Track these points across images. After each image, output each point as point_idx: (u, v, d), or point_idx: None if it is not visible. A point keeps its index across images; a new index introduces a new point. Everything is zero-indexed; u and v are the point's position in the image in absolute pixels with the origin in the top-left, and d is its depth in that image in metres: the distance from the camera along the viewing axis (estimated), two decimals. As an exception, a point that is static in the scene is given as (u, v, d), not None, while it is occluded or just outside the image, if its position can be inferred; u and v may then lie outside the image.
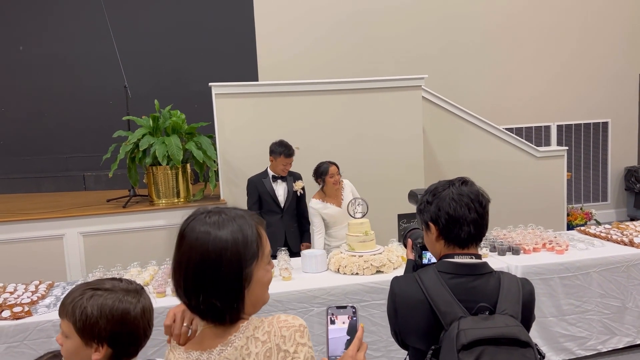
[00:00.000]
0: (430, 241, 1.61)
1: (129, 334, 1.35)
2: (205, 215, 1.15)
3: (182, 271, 1.14)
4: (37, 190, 6.66)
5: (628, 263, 3.47)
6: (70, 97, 6.90)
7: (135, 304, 1.36)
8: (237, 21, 6.95)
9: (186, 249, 1.13)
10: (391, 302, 1.58)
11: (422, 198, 1.61)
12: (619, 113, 7.88)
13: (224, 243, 1.11)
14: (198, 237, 1.12)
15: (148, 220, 4.75)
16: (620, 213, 7.97)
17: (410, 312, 1.51)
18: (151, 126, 4.86)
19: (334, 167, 3.99)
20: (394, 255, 3.38)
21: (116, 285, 1.39)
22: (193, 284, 1.12)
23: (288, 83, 5.05)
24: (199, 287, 1.12)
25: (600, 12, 7.66)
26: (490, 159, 5.78)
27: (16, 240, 4.50)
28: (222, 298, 1.11)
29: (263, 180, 4.18)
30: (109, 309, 1.32)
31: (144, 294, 1.42)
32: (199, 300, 1.12)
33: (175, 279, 1.16)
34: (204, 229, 1.12)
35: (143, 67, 6.55)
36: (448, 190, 1.56)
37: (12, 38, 6.95)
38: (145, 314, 1.38)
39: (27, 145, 7.00)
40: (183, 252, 1.14)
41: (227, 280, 1.11)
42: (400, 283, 1.60)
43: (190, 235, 1.13)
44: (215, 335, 1.15)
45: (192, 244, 1.12)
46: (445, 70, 7.01)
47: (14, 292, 3.20)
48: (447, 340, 1.38)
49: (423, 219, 1.60)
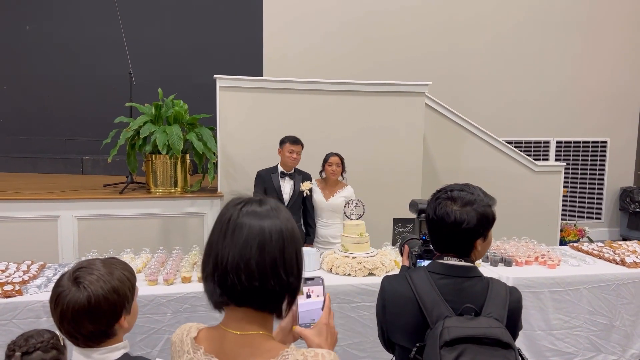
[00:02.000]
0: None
1: None
2: (249, 204, 1.12)
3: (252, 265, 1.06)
4: (33, 171, 6.65)
5: (618, 282, 3.49)
6: (73, 80, 6.89)
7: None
8: (246, 16, 6.97)
9: (239, 239, 1.07)
10: (380, 298, 1.62)
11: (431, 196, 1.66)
12: (618, 133, 7.93)
13: (284, 226, 1.11)
14: (252, 227, 1.09)
15: (144, 207, 4.75)
16: (613, 232, 8.02)
17: (399, 309, 1.55)
18: (153, 114, 4.86)
19: (335, 157, 4.16)
20: (387, 259, 3.39)
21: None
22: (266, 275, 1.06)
23: (293, 80, 5.06)
24: (271, 276, 1.06)
25: (604, 30, 7.71)
26: (489, 170, 5.80)
27: (10, 219, 4.49)
28: (289, 285, 1.08)
29: (272, 175, 4.19)
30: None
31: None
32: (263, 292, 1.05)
33: (231, 266, 1.06)
34: (252, 222, 1.10)
35: (148, 55, 6.55)
36: (441, 192, 1.60)
37: (20, 17, 6.93)
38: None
39: (26, 125, 6.99)
40: (235, 243, 1.07)
41: (295, 262, 1.09)
42: (390, 281, 1.64)
43: (242, 225, 1.09)
44: (243, 344, 1.06)
45: (244, 234, 1.08)
46: (448, 78, 7.05)
47: (5, 270, 3.19)
48: (431, 338, 1.41)
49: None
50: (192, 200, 4.85)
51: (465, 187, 1.59)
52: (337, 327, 3.16)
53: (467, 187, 1.59)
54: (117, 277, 1.36)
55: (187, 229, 4.85)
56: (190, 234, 4.81)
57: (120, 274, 1.37)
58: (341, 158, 4.20)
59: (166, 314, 2.93)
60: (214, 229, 1.13)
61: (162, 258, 3.42)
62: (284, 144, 4.15)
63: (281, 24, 6.82)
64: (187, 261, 3.25)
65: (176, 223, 4.82)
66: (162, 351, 2.94)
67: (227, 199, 5.09)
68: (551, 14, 7.49)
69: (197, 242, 4.34)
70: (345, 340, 3.14)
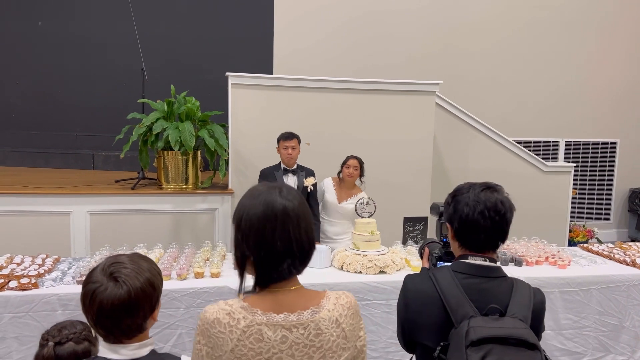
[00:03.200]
0: (450, 238, 1.66)
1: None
2: (276, 189, 1.31)
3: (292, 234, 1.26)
4: (45, 166, 6.71)
5: (629, 283, 3.49)
6: (85, 75, 6.94)
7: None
8: (257, 13, 6.99)
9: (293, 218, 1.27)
10: (403, 297, 1.62)
11: (447, 196, 1.65)
12: (628, 134, 7.90)
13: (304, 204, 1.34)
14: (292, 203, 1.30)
15: (155, 203, 4.79)
16: (622, 234, 7.99)
17: (422, 307, 1.54)
18: (165, 111, 4.89)
19: (354, 160, 4.09)
20: (397, 257, 3.41)
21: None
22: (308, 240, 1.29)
23: (304, 78, 5.07)
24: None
25: (614, 31, 7.68)
26: (498, 170, 5.80)
27: (23, 213, 4.55)
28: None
29: (275, 172, 4.19)
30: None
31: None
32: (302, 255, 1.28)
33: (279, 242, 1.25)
34: (284, 201, 1.29)
35: (160, 52, 6.58)
36: (467, 194, 1.57)
37: (32, 12, 6.98)
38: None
39: (38, 120, 7.04)
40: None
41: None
42: (414, 279, 1.63)
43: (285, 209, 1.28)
44: (297, 297, 1.28)
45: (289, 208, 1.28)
46: (458, 78, 7.04)
47: (20, 263, 3.24)
48: (456, 337, 1.41)
49: (444, 217, 1.65)
50: (203, 197, 4.88)
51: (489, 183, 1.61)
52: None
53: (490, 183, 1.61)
54: (148, 269, 1.38)
55: (198, 225, 4.89)
56: (201, 230, 4.85)
57: (149, 267, 1.40)
58: (360, 162, 4.10)
59: (179, 308, 2.97)
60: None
61: (174, 253, 3.45)
62: (279, 141, 4.15)
63: (292, 19, 6.84)
64: (200, 257, 3.28)
65: (187, 219, 4.86)
66: (174, 346, 2.97)
67: (238, 195, 5.12)
68: (561, 15, 7.47)
69: (208, 238, 4.38)
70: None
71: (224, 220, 4.91)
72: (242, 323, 1.22)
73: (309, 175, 4.23)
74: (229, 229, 4.91)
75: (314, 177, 4.24)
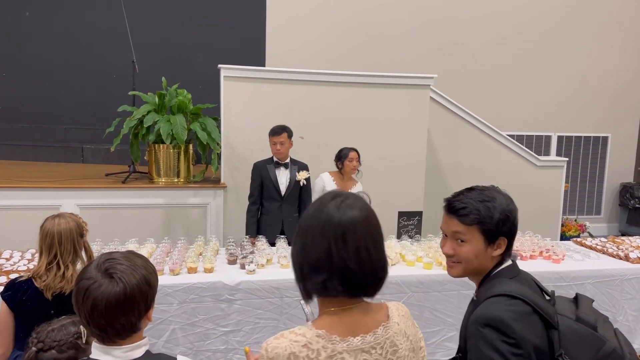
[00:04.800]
0: (487, 255, 1.51)
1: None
2: (337, 198, 1.21)
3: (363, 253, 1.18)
4: (34, 159, 6.61)
5: (622, 277, 3.51)
6: (74, 67, 6.82)
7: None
8: (249, 7, 6.91)
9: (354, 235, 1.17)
10: (501, 338, 1.33)
11: (500, 214, 1.49)
12: (619, 129, 7.94)
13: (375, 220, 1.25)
14: (359, 219, 1.19)
15: (146, 197, 4.73)
16: (612, 228, 8.05)
17: (526, 326, 1.36)
18: (157, 103, 4.82)
19: (354, 153, 4.17)
20: (392, 252, 3.39)
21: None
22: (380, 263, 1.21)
23: (298, 71, 5.02)
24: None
25: (606, 27, 7.70)
26: (491, 164, 5.80)
27: (12, 207, 4.46)
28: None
29: (267, 166, 4.16)
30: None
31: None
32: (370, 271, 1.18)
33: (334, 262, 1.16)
34: (354, 213, 1.19)
35: (151, 43, 6.48)
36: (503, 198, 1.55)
37: (19, 2, 6.85)
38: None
39: (26, 113, 6.92)
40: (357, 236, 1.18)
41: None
42: (498, 309, 1.38)
43: (353, 222, 1.18)
44: (365, 314, 1.21)
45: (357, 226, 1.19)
46: (452, 72, 7.02)
47: (9, 258, 3.18)
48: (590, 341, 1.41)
49: (499, 233, 1.49)
50: (195, 191, 4.83)
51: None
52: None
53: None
54: (144, 266, 1.34)
55: (190, 219, 4.84)
56: (193, 225, 4.80)
57: (144, 264, 1.36)
58: (358, 152, 4.21)
59: (172, 304, 2.93)
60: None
61: (166, 248, 3.41)
62: (269, 137, 4.11)
63: (285, 14, 6.77)
64: (193, 251, 3.24)
65: (179, 213, 4.80)
66: (167, 342, 2.94)
67: (231, 189, 5.06)
68: (555, 11, 7.47)
69: (200, 232, 4.33)
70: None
71: (217, 215, 4.86)
72: (323, 354, 1.12)
73: (302, 169, 4.21)
74: (222, 224, 4.87)
75: (307, 171, 4.22)
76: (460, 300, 3.21)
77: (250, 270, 3.08)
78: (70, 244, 2.23)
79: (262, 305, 3.02)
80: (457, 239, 1.53)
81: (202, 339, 2.97)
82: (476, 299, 1.54)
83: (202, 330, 2.96)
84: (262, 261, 3.21)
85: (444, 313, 3.24)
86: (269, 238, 3.69)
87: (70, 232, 2.24)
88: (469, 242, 1.50)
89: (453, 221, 1.53)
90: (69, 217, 2.32)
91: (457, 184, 5.82)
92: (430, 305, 3.22)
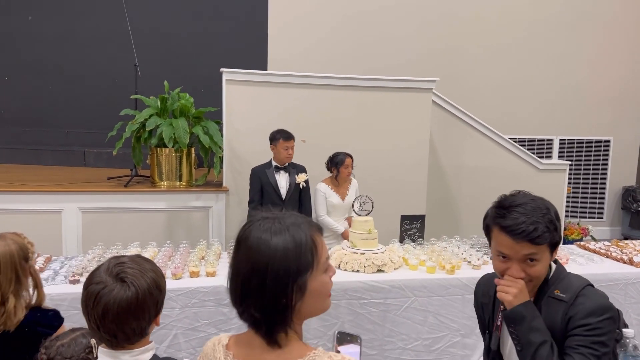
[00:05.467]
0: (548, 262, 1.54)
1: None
2: (260, 222, 1.10)
3: (234, 278, 1.10)
4: (37, 163, 6.61)
5: (626, 281, 3.48)
6: (77, 71, 6.83)
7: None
8: (251, 11, 6.92)
9: (241, 256, 1.09)
10: (615, 326, 1.49)
11: (558, 221, 1.51)
12: (621, 132, 7.92)
13: (273, 252, 1.05)
14: (250, 245, 1.07)
15: (148, 201, 4.73)
16: (615, 231, 8.02)
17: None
18: (159, 107, 4.83)
19: (349, 159, 4.19)
20: (395, 256, 3.38)
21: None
22: (241, 292, 1.08)
23: (301, 75, 5.02)
24: (244, 295, 1.07)
25: (608, 30, 7.69)
26: (493, 167, 5.79)
27: (14, 211, 4.47)
28: (264, 310, 1.05)
29: (266, 170, 4.16)
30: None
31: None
32: (241, 309, 1.08)
33: (230, 287, 1.12)
34: (257, 235, 1.07)
35: (153, 48, 6.50)
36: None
37: (22, 7, 6.87)
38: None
39: (28, 117, 6.94)
40: (238, 260, 1.10)
41: (272, 291, 1.05)
42: (603, 297, 1.51)
43: (244, 242, 1.09)
44: (265, 350, 1.09)
45: (244, 251, 1.08)
46: (454, 75, 7.01)
47: (11, 262, 3.17)
48: None
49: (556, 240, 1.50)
50: (198, 195, 4.83)
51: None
52: (346, 324, 3.14)
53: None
54: (153, 270, 1.34)
55: (192, 223, 4.83)
56: (195, 228, 4.80)
57: (153, 267, 1.35)
58: (351, 156, 4.24)
59: (174, 308, 2.92)
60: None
61: (169, 252, 3.40)
62: (277, 140, 4.10)
63: (287, 18, 6.78)
64: (195, 255, 3.23)
65: (181, 217, 4.80)
66: (169, 347, 2.92)
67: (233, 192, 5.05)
68: (557, 14, 7.46)
69: (202, 236, 4.33)
70: (354, 337, 3.13)
71: (219, 218, 4.86)
72: None
73: (301, 172, 4.23)
74: (224, 227, 4.86)
75: (306, 173, 4.25)
76: (464, 305, 3.19)
77: (253, 274, 3.07)
78: (12, 271, 1.84)
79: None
80: (527, 260, 1.47)
81: (204, 343, 2.94)
82: (560, 298, 1.50)
83: (204, 335, 2.95)
84: (264, 265, 3.20)
85: (448, 318, 3.22)
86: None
87: (12, 257, 1.85)
88: (540, 259, 1.46)
89: (523, 245, 1.44)
90: (10, 238, 1.93)
91: (460, 187, 5.84)
92: (434, 310, 3.20)
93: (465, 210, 5.74)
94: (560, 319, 1.47)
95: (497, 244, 1.50)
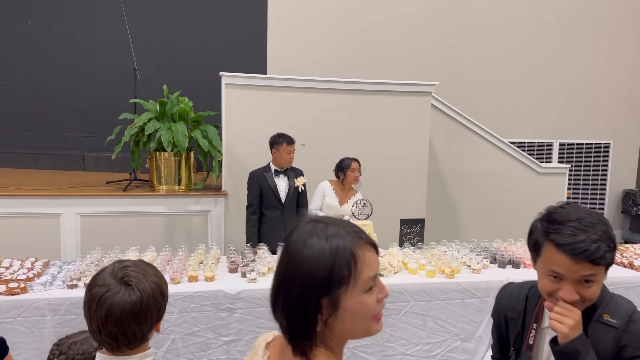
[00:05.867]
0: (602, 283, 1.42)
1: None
2: (305, 224, 1.03)
3: (274, 277, 1.04)
4: (36, 167, 6.60)
5: (627, 285, 3.47)
6: (76, 75, 6.83)
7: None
8: (251, 15, 6.92)
9: (281, 255, 1.04)
10: None
11: (613, 238, 1.38)
12: (621, 135, 7.92)
13: (305, 258, 0.97)
14: (287, 246, 1.02)
15: (147, 205, 4.72)
16: (615, 235, 8.00)
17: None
18: (158, 111, 4.82)
19: (356, 163, 4.18)
20: (395, 260, 3.36)
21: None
22: (274, 293, 1.03)
23: (299, 79, 5.02)
24: (276, 297, 1.02)
25: (608, 34, 7.69)
26: (493, 171, 5.78)
27: (12, 216, 4.45)
28: (289, 316, 0.99)
29: (265, 174, 4.14)
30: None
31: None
32: (273, 310, 1.03)
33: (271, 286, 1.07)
34: (295, 237, 1.01)
35: (152, 51, 6.50)
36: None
37: (21, 11, 6.87)
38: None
39: (27, 121, 6.93)
40: (279, 259, 1.04)
41: (298, 299, 0.98)
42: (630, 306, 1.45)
43: (285, 241, 1.04)
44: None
45: (283, 251, 1.03)
46: (453, 79, 7.02)
47: (9, 267, 3.16)
48: None
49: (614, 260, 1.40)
50: (197, 199, 4.81)
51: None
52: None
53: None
54: (156, 275, 1.33)
55: (191, 227, 4.82)
56: (194, 233, 4.78)
57: (156, 273, 1.35)
58: (359, 163, 4.21)
59: (173, 313, 2.90)
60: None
61: (167, 256, 3.39)
62: (280, 144, 4.08)
63: (286, 22, 6.78)
64: (194, 260, 3.21)
65: (180, 221, 4.79)
66: (167, 352, 2.91)
67: (232, 197, 5.04)
68: (557, 19, 7.47)
69: (201, 240, 4.31)
70: (353, 342, 3.11)
71: (218, 222, 4.85)
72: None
73: (299, 175, 4.22)
74: (223, 231, 4.85)
75: (303, 176, 4.25)
76: (463, 309, 3.18)
77: (252, 278, 3.06)
78: None
79: (264, 314, 2.98)
80: (583, 280, 1.33)
81: (202, 349, 2.94)
82: (610, 324, 1.39)
83: (202, 340, 2.93)
84: (263, 269, 3.19)
85: (448, 322, 3.20)
86: (271, 246, 3.67)
87: None
88: (597, 281, 1.33)
89: (582, 265, 1.30)
90: None
91: (459, 191, 5.84)
92: (434, 314, 3.19)
93: (465, 214, 5.74)
94: (611, 347, 1.37)
95: (550, 263, 1.34)
